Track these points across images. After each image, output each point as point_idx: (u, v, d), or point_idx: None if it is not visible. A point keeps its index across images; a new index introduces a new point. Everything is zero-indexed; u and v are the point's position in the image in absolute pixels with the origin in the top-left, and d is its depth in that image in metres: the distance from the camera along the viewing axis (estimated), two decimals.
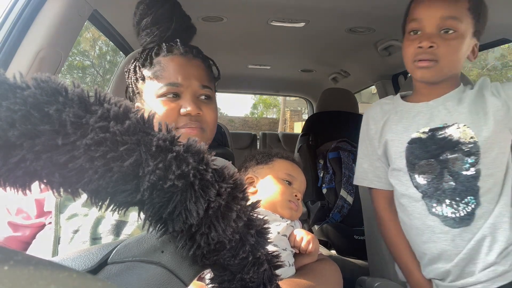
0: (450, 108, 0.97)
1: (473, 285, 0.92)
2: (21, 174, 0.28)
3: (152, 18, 0.92)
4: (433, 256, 0.97)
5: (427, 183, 0.96)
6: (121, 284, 0.32)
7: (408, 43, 0.96)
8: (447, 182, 0.94)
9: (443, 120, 0.96)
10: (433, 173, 0.95)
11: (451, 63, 0.94)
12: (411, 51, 0.95)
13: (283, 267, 0.40)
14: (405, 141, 0.99)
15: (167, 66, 0.85)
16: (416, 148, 0.97)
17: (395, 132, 1.02)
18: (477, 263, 0.92)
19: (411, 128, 0.99)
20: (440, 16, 0.91)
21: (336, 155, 2.22)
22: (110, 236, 0.68)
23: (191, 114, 0.82)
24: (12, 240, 0.72)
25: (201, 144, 0.34)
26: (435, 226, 0.95)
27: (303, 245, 0.84)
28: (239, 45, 2.22)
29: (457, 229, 0.93)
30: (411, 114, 1.01)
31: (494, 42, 1.49)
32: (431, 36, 0.91)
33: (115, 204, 0.32)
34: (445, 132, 0.95)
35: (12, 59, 1.00)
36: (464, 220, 0.92)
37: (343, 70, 2.63)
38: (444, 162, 0.94)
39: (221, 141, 1.97)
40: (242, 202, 0.35)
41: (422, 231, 0.98)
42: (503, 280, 0.90)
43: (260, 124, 16.20)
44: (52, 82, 0.28)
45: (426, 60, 0.92)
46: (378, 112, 1.09)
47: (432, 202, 0.95)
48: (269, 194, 0.90)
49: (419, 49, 0.92)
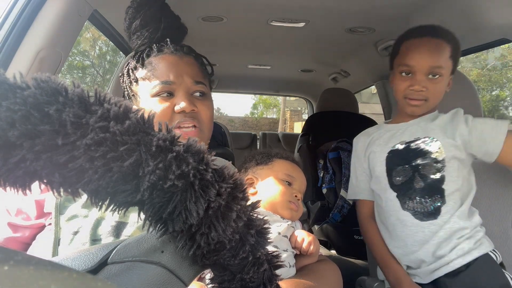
0: (423, 126, 1.18)
1: (446, 264, 1.07)
2: (21, 174, 0.28)
3: (141, 21, 0.91)
4: (407, 247, 1.12)
5: (401, 184, 1.15)
6: (121, 284, 0.32)
7: (400, 82, 1.15)
8: (418, 183, 1.12)
9: (416, 135, 1.17)
10: (407, 176, 1.14)
11: (437, 100, 1.16)
12: (402, 89, 1.14)
13: (283, 267, 0.40)
14: (386, 152, 1.19)
15: (158, 65, 0.85)
16: (393, 157, 1.17)
17: (378, 145, 1.22)
18: (446, 247, 1.07)
19: (391, 142, 1.19)
20: (429, 66, 1.10)
21: (336, 155, 2.22)
22: (110, 237, 0.68)
23: (186, 110, 0.82)
24: (12, 241, 0.72)
25: (201, 144, 0.34)
26: (407, 220, 1.12)
27: (304, 246, 0.84)
28: (239, 45, 2.22)
29: (425, 222, 1.10)
30: (392, 131, 1.23)
31: (494, 42, 1.49)
32: (421, 81, 1.11)
33: (115, 204, 0.32)
34: (417, 143, 1.15)
35: (12, 59, 1.00)
36: (432, 215, 1.09)
37: (343, 70, 2.63)
38: (415, 167, 1.13)
39: (221, 141, 1.97)
40: (242, 202, 0.35)
41: (396, 226, 1.14)
42: (470, 256, 1.06)
43: (260, 124, 16.20)
44: (52, 82, 0.28)
45: (417, 100, 1.13)
46: (365, 136, 1.30)
47: (404, 199, 1.13)
48: (269, 195, 0.90)
49: (411, 90, 1.12)
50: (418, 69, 1.11)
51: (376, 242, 1.22)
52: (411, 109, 1.16)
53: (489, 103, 13.17)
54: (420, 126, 1.18)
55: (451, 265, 1.06)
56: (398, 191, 1.15)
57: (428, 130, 1.16)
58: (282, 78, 3.29)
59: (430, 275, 1.10)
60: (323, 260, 0.90)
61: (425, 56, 1.10)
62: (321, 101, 2.50)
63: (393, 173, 1.16)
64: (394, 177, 1.16)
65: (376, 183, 1.21)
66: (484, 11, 1.30)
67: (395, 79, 1.17)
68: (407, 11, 1.50)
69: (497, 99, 13.57)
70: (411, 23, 1.59)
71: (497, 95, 13.60)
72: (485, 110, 12.49)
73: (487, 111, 12.85)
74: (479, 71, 12.92)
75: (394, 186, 1.16)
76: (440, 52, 1.11)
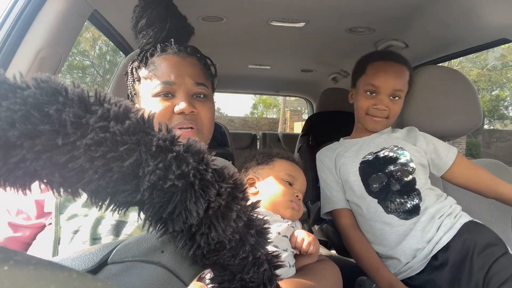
0: (386, 137, 1.30)
1: (435, 243, 1.12)
2: (21, 174, 0.28)
3: (147, 20, 0.92)
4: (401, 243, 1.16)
5: (379, 190, 1.21)
6: (121, 284, 0.32)
7: (364, 100, 1.27)
8: (394, 185, 1.20)
9: (381, 145, 1.27)
10: (383, 182, 1.21)
11: (394, 118, 1.30)
12: (366, 106, 1.26)
13: (283, 267, 0.40)
14: (357, 163, 1.26)
15: (161, 65, 0.85)
16: (365, 167, 1.25)
17: (347, 157, 1.30)
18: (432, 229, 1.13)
19: (360, 154, 1.28)
20: (393, 88, 1.24)
21: None
22: (110, 236, 0.68)
23: (185, 112, 0.82)
24: (12, 240, 0.72)
25: (201, 144, 0.34)
26: (393, 222, 1.17)
27: (304, 246, 0.84)
28: (239, 45, 2.22)
29: (410, 220, 1.16)
30: (357, 145, 1.32)
31: (494, 42, 1.49)
32: (384, 101, 1.24)
33: (115, 204, 0.32)
34: (384, 152, 1.25)
35: (12, 59, 0.99)
36: (414, 212, 1.16)
37: (343, 70, 2.63)
38: (389, 173, 1.21)
39: (221, 141, 1.97)
40: (242, 202, 0.35)
41: (384, 230, 1.19)
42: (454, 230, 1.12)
43: (260, 124, 16.19)
44: (52, 82, 0.28)
45: (379, 117, 1.26)
46: (328, 150, 1.38)
47: (386, 204, 1.19)
48: (270, 195, 0.90)
49: (374, 109, 1.25)
50: (383, 90, 1.23)
51: (363, 250, 1.22)
52: (372, 125, 1.28)
53: (489, 103, 13.17)
54: (382, 138, 1.30)
55: (440, 242, 1.11)
56: (377, 197, 1.21)
57: (392, 140, 1.28)
58: (282, 78, 3.28)
59: (424, 260, 1.13)
60: (323, 260, 0.90)
61: (391, 78, 1.24)
62: (321, 101, 2.50)
63: (368, 181, 1.23)
64: (371, 185, 1.22)
65: (352, 193, 1.26)
66: (484, 11, 1.30)
67: (359, 96, 1.29)
68: (407, 11, 1.50)
69: (497, 99, 13.57)
70: (411, 23, 1.59)
71: (497, 95, 13.60)
72: (485, 110, 12.48)
73: (487, 111, 12.85)
74: (479, 71, 12.92)
75: (373, 193, 1.22)
76: (402, 76, 1.26)
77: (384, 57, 1.30)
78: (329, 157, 1.35)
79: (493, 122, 13.81)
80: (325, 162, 1.36)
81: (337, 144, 1.40)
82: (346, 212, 1.29)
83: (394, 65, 1.26)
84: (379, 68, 1.26)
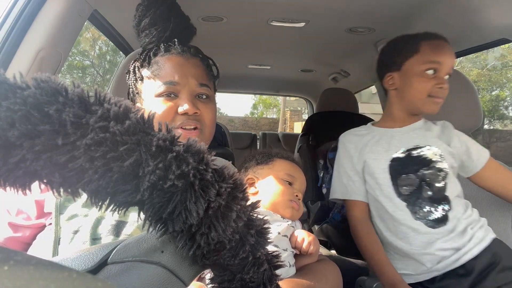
0: (420, 133, 1.21)
1: (465, 254, 1.10)
2: (21, 174, 0.28)
3: (150, 19, 0.92)
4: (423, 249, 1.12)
5: (409, 194, 1.15)
6: (121, 284, 0.32)
7: (425, 80, 1.14)
8: (426, 192, 1.14)
9: (415, 142, 1.19)
10: (413, 185, 1.15)
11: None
12: (428, 87, 1.14)
13: (283, 267, 0.40)
14: (387, 160, 1.19)
15: (165, 65, 0.86)
16: (396, 165, 1.18)
17: (376, 152, 1.22)
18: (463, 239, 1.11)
19: (391, 150, 1.20)
20: (451, 65, 1.15)
21: (336, 155, 2.21)
22: (110, 236, 0.68)
23: (189, 113, 0.82)
24: (12, 240, 0.72)
25: (201, 144, 0.34)
26: (420, 229, 1.12)
27: (304, 246, 0.84)
28: (239, 45, 2.22)
29: (437, 229, 1.11)
30: (387, 137, 1.23)
31: (494, 42, 1.49)
32: (445, 80, 1.14)
33: (115, 204, 0.32)
34: (418, 152, 1.17)
35: (12, 59, 0.99)
36: (442, 221, 1.12)
37: (343, 70, 2.63)
38: (421, 177, 1.15)
39: (221, 141, 1.97)
40: (242, 202, 0.35)
41: (408, 234, 1.14)
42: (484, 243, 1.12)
43: (260, 124, 16.18)
44: (52, 82, 0.28)
45: (440, 98, 1.15)
46: (354, 137, 1.30)
47: (415, 209, 1.14)
48: (270, 195, 0.90)
49: (439, 88, 1.13)
50: (445, 67, 1.13)
51: (372, 245, 1.19)
52: (433, 108, 1.16)
53: (489, 103, 13.16)
54: (416, 133, 1.21)
55: (470, 253, 1.09)
56: (406, 200, 1.15)
57: (426, 137, 1.19)
58: (282, 78, 3.28)
59: (452, 265, 1.11)
60: (322, 260, 0.90)
61: (451, 55, 1.15)
62: (321, 101, 2.50)
63: (398, 181, 1.16)
64: (400, 186, 1.16)
65: (378, 191, 1.20)
66: (484, 11, 1.30)
67: (415, 77, 1.15)
68: (407, 11, 1.50)
69: (497, 99, 13.57)
70: (411, 23, 1.59)
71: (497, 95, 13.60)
72: (485, 110, 12.47)
73: (487, 111, 12.85)
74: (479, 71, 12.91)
75: (402, 196, 1.16)
76: (454, 56, 1.18)
77: (436, 36, 1.19)
78: (354, 143, 1.27)
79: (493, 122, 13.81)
80: (348, 148, 1.28)
81: (364, 130, 1.30)
82: (361, 205, 1.24)
83: (447, 44, 1.17)
84: (438, 44, 1.16)
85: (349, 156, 1.27)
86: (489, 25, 1.34)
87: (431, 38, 1.18)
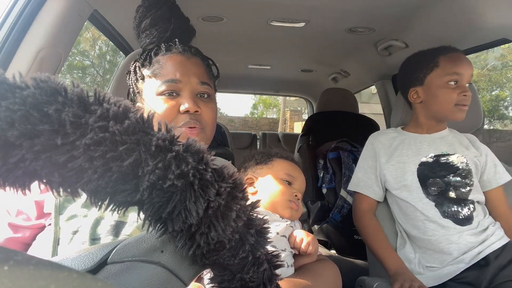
0: (448, 141, 1.30)
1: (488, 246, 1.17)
2: (20, 174, 0.28)
3: (151, 20, 0.93)
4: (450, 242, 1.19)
5: (437, 195, 1.23)
6: (121, 284, 0.32)
7: (450, 91, 1.24)
8: (451, 194, 1.22)
9: (442, 149, 1.27)
10: (440, 188, 1.23)
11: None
12: (454, 97, 1.23)
13: (283, 267, 0.40)
14: (416, 163, 1.27)
15: (166, 64, 0.86)
16: (425, 169, 1.25)
17: (406, 155, 1.29)
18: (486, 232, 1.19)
19: (420, 154, 1.28)
20: (471, 74, 1.25)
21: (336, 155, 2.21)
22: (109, 236, 0.68)
23: (190, 111, 0.82)
24: (12, 241, 0.72)
25: (201, 143, 0.34)
26: (449, 227, 1.19)
27: (303, 246, 0.84)
28: (239, 45, 2.22)
29: (465, 226, 1.19)
30: (416, 142, 1.31)
31: (494, 42, 1.49)
32: (466, 88, 1.23)
33: (114, 203, 0.32)
34: (446, 158, 1.25)
35: (12, 59, 0.99)
36: (468, 220, 1.20)
37: (343, 70, 2.63)
38: (448, 182, 1.23)
39: (221, 141, 1.97)
40: (242, 201, 0.35)
41: (436, 231, 1.21)
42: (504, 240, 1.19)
43: (260, 124, 16.18)
44: (52, 82, 0.28)
45: (465, 105, 1.24)
46: (384, 137, 1.37)
47: (443, 208, 1.21)
48: (269, 195, 0.90)
49: (464, 96, 1.22)
50: (466, 76, 1.23)
51: (376, 235, 1.27)
52: (461, 115, 1.24)
53: (489, 103, 13.15)
54: (444, 140, 1.30)
55: (491, 246, 1.16)
56: (435, 200, 1.23)
57: (454, 146, 1.28)
58: (282, 78, 3.28)
59: (475, 257, 1.16)
60: (321, 260, 0.90)
61: (469, 65, 1.25)
62: (321, 101, 2.50)
63: (426, 184, 1.24)
64: (428, 187, 1.23)
65: (406, 192, 1.26)
66: (484, 11, 1.30)
67: (440, 90, 1.25)
68: (407, 11, 1.50)
69: (497, 99, 13.56)
70: (411, 23, 1.59)
71: (497, 95, 13.59)
72: (485, 110, 12.46)
73: (487, 111, 12.84)
74: (479, 71, 12.90)
75: (430, 196, 1.23)
76: (471, 65, 1.26)
77: (451, 49, 1.29)
78: (384, 144, 1.35)
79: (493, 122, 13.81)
80: (377, 147, 1.36)
81: (394, 133, 1.39)
82: (369, 200, 1.33)
83: (463, 55, 1.27)
84: (456, 57, 1.25)
85: (374, 155, 1.35)
86: (489, 25, 1.34)
87: (448, 51, 1.27)
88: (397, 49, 1.85)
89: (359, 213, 1.34)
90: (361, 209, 1.34)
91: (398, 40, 1.78)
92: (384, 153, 1.33)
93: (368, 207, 1.33)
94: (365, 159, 1.37)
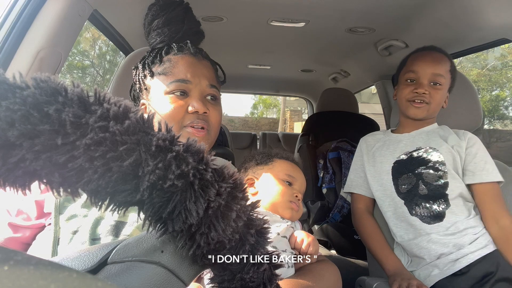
0: (425, 137, 1.29)
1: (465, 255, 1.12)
2: (20, 174, 0.28)
3: (164, 20, 0.95)
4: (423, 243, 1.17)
5: (407, 191, 1.23)
6: (121, 284, 0.32)
7: (404, 87, 1.27)
8: (422, 190, 1.20)
9: (418, 144, 1.27)
10: (411, 183, 1.22)
11: (437, 107, 1.27)
12: (406, 93, 1.26)
13: (283, 267, 0.40)
14: (391, 162, 1.28)
15: (177, 63, 0.87)
16: (399, 167, 1.26)
17: (384, 155, 1.32)
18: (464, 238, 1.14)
19: (396, 153, 1.29)
20: (431, 73, 1.23)
21: (336, 155, 2.21)
22: (109, 236, 0.68)
23: (199, 112, 0.83)
24: (12, 241, 0.72)
25: (201, 144, 0.34)
26: (416, 225, 1.19)
27: (304, 247, 0.84)
28: (239, 45, 2.22)
29: (433, 225, 1.17)
30: (395, 142, 1.33)
31: (494, 42, 1.49)
32: (424, 85, 1.23)
33: (114, 203, 0.32)
34: (418, 152, 1.25)
35: (12, 59, 0.99)
36: (437, 218, 1.17)
37: (343, 70, 2.63)
38: (419, 175, 1.22)
39: (221, 141, 1.97)
40: (242, 202, 0.35)
41: (408, 229, 1.21)
42: (487, 249, 1.12)
43: (260, 124, 16.18)
44: (52, 82, 0.28)
45: (420, 102, 1.24)
46: (372, 140, 1.40)
47: (411, 205, 1.21)
48: (269, 195, 0.90)
49: (415, 93, 1.23)
50: (422, 75, 1.23)
51: (374, 235, 1.28)
52: (413, 111, 1.25)
53: (489, 103, 13.15)
54: (422, 136, 1.29)
55: (471, 256, 1.11)
56: (404, 198, 1.23)
57: (430, 140, 1.27)
58: (282, 78, 3.28)
59: (452, 267, 1.12)
60: (322, 260, 0.90)
61: (429, 63, 1.24)
62: (321, 101, 2.50)
63: (398, 181, 1.25)
64: (400, 185, 1.24)
65: (381, 191, 1.29)
66: (484, 11, 1.30)
67: (400, 86, 1.29)
68: (407, 11, 1.50)
69: (497, 99, 13.56)
70: (411, 23, 1.59)
71: (497, 95, 13.59)
72: (485, 110, 12.46)
73: (487, 111, 12.84)
74: (479, 71, 12.90)
75: (401, 194, 1.24)
76: (441, 62, 1.25)
77: (423, 48, 1.32)
78: (368, 145, 1.38)
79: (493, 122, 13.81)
80: (362, 147, 1.40)
81: (382, 135, 1.42)
82: (364, 199, 1.35)
83: (432, 53, 1.28)
84: (417, 56, 1.29)
85: (361, 155, 1.39)
86: (489, 25, 1.34)
87: (418, 50, 1.31)
88: (397, 49, 1.85)
89: (356, 213, 1.36)
90: (358, 209, 1.35)
91: (398, 40, 1.78)
92: (366, 154, 1.37)
93: (365, 206, 1.35)
94: (355, 160, 1.42)
